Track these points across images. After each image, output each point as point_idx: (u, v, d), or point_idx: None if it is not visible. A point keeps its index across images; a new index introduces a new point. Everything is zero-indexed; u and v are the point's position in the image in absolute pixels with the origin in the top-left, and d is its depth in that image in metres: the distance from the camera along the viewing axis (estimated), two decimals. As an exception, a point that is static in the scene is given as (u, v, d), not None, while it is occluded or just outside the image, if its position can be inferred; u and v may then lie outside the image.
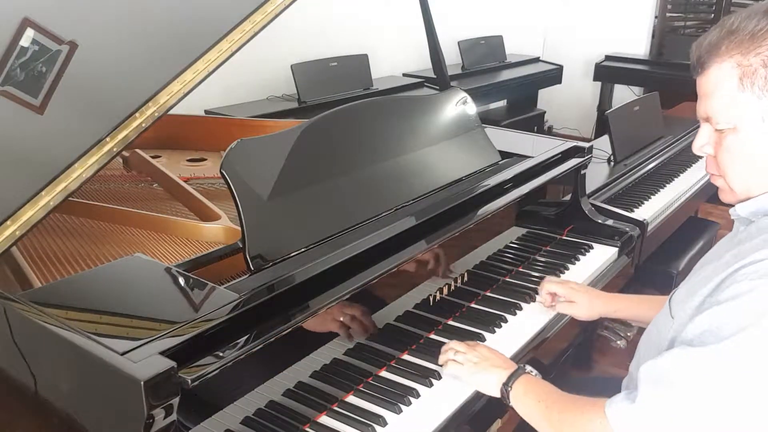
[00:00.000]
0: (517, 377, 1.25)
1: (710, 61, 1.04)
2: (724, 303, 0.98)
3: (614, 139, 2.66)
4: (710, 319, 0.99)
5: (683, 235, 2.77)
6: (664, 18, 5.45)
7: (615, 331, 2.77)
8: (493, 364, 1.29)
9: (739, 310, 0.95)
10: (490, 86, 4.41)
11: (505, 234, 1.79)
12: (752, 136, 1.02)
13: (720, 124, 1.05)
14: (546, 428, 1.17)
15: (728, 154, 1.06)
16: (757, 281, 0.95)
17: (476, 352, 1.32)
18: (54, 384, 1.06)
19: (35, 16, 1.24)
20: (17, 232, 1.20)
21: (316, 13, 3.53)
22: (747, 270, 0.98)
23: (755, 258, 0.98)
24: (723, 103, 1.03)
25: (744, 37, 1.00)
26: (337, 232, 1.36)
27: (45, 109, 1.27)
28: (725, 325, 0.96)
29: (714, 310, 0.99)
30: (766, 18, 1.00)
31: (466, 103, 1.83)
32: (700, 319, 1.00)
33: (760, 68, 0.99)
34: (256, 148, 1.32)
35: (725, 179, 1.09)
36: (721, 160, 1.07)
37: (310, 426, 1.19)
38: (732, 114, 1.03)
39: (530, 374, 1.27)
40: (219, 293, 1.13)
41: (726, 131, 1.05)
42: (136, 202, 1.78)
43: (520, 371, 1.27)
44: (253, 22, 1.49)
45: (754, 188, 1.07)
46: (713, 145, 1.08)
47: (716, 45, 1.03)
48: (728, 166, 1.07)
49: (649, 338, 1.23)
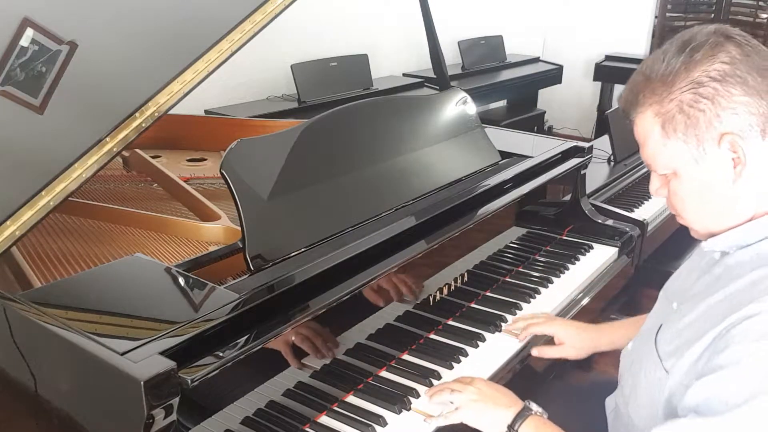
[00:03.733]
0: (524, 419, 1.16)
1: (633, 112, 1.03)
2: (726, 368, 0.93)
3: (614, 139, 2.66)
4: (714, 385, 0.94)
5: (683, 235, 2.75)
6: (664, 18, 5.45)
7: (615, 331, 2.76)
8: (496, 403, 1.19)
9: (744, 376, 0.91)
10: (490, 86, 4.41)
11: (505, 234, 1.79)
12: (692, 178, 1.01)
13: (660, 170, 1.04)
14: None
15: (676, 197, 1.05)
16: (755, 344, 0.91)
17: (474, 389, 1.22)
18: (54, 384, 1.06)
19: (35, 16, 1.24)
20: (17, 232, 1.20)
21: (316, 13, 3.52)
22: (743, 328, 0.93)
23: (748, 313, 0.93)
24: (655, 151, 1.02)
25: (657, 83, 0.99)
26: (336, 232, 1.36)
27: (45, 109, 1.27)
28: (732, 393, 0.91)
29: (717, 376, 0.93)
30: (677, 56, 0.97)
31: (466, 103, 1.83)
32: (703, 384, 0.95)
33: (677, 114, 0.97)
34: (256, 148, 1.32)
35: (683, 221, 1.08)
36: (673, 203, 1.06)
37: (310, 426, 1.19)
38: (666, 160, 1.02)
39: (537, 414, 1.18)
40: (219, 293, 1.13)
41: (668, 176, 1.04)
42: (136, 202, 1.78)
43: (527, 411, 1.17)
44: (253, 22, 1.49)
45: (711, 225, 1.04)
46: (665, 188, 1.07)
47: (636, 95, 1.02)
48: (680, 208, 1.06)
49: (637, 381, 1.15)
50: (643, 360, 1.13)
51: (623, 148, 2.69)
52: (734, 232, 1.02)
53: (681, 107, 0.97)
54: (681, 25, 5.47)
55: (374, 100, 1.64)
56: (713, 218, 1.04)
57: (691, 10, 5.51)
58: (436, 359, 1.39)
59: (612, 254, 1.94)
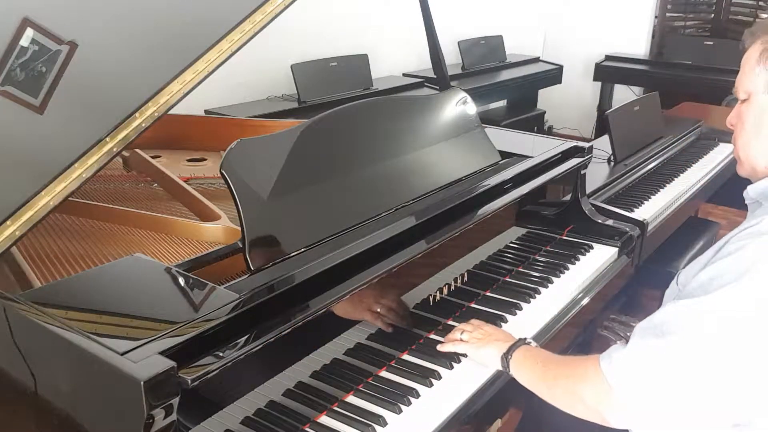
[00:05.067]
0: (517, 347, 1.31)
1: (749, 41, 1.18)
2: (717, 261, 1.06)
3: (614, 139, 2.66)
4: (704, 275, 1.06)
5: (683, 235, 2.77)
6: (664, 18, 5.45)
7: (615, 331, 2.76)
8: (496, 338, 1.36)
9: (728, 266, 1.03)
10: (490, 86, 4.41)
11: (505, 234, 1.79)
12: (758, 105, 1.15)
13: (740, 95, 1.18)
14: (542, 386, 1.23)
15: (740, 123, 1.19)
16: (747, 240, 1.04)
17: (482, 330, 1.39)
18: (54, 384, 1.06)
19: (35, 16, 1.24)
20: (17, 232, 1.20)
21: (316, 13, 3.53)
22: (742, 233, 1.07)
23: (751, 223, 1.07)
24: (745, 74, 1.16)
25: None
26: (336, 232, 1.36)
27: (45, 109, 1.27)
28: (714, 279, 1.04)
29: (708, 268, 1.07)
30: None
31: (466, 103, 1.83)
32: (697, 277, 1.08)
33: None
34: (256, 148, 1.32)
35: (735, 149, 1.21)
36: (736, 129, 1.20)
37: (310, 426, 1.19)
38: (747, 85, 1.16)
39: (530, 344, 1.34)
40: (219, 293, 1.13)
41: (744, 102, 1.18)
42: (136, 202, 1.78)
43: (520, 342, 1.33)
44: (253, 22, 1.49)
45: (757, 159, 1.17)
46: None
47: (756, 29, 1.17)
48: (738, 134, 1.20)
49: None
50: (665, 297, 1.29)
51: (623, 148, 2.70)
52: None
53: None
54: (681, 25, 5.48)
55: (374, 100, 1.64)
56: (760, 152, 1.17)
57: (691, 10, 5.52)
58: (436, 359, 1.39)
59: (612, 254, 1.94)
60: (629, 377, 1.06)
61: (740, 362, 1.01)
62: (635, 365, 1.06)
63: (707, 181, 2.85)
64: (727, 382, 1.01)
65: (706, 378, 1.01)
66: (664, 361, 1.03)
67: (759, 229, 1.05)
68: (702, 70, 4.72)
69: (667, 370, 1.03)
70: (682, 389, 1.03)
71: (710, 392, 1.02)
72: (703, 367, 1.01)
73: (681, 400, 1.03)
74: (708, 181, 2.86)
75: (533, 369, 1.25)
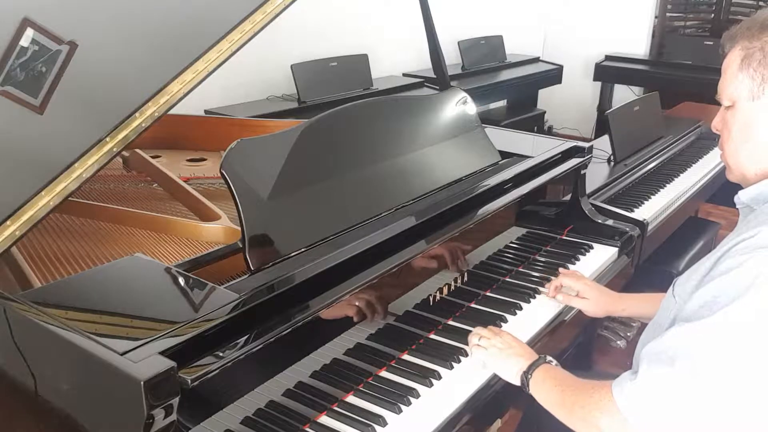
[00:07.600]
0: (537, 366, 1.29)
1: (729, 45, 1.16)
2: (717, 278, 1.04)
3: (614, 139, 2.66)
4: (705, 294, 1.04)
5: (683, 235, 2.77)
6: (664, 18, 5.45)
7: (615, 331, 2.77)
8: (516, 353, 1.34)
9: (729, 283, 1.02)
10: (490, 86, 4.41)
11: (505, 234, 1.79)
12: (743, 112, 1.13)
13: (724, 102, 1.17)
14: (561, 412, 1.21)
15: (726, 130, 1.18)
16: (746, 255, 1.02)
17: (501, 339, 1.37)
18: (54, 384, 1.06)
19: (35, 16, 1.24)
20: (17, 232, 1.20)
21: (316, 13, 3.53)
22: (739, 246, 1.05)
23: (747, 235, 1.05)
24: (728, 80, 1.15)
25: (755, 28, 1.12)
26: (337, 232, 1.36)
27: (45, 109, 1.27)
28: (717, 298, 1.02)
29: (709, 286, 1.05)
30: None
31: (466, 103, 1.83)
32: (697, 295, 1.06)
33: (757, 52, 1.10)
34: (256, 148, 1.32)
35: (723, 155, 1.20)
36: (722, 136, 1.19)
37: (310, 426, 1.19)
38: (731, 91, 1.14)
39: (550, 363, 1.31)
40: (219, 293, 1.13)
41: (728, 109, 1.16)
42: (136, 202, 1.78)
43: (541, 360, 1.31)
44: (253, 22, 1.49)
45: (745, 166, 1.16)
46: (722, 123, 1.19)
47: (735, 33, 1.15)
48: (725, 141, 1.18)
49: (653, 322, 1.27)
50: (662, 305, 1.24)
51: (623, 148, 2.70)
52: (763, 184, 1.13)
53: (763, 48, 1.10)
54: (681, 25, 5.48)
55: (374, 100, 1.64)
56: (748, 159, 1.15)
57: (691, 10, 5.52)
58: (436, 359, 1.39)
59: (612, 254, 1.94)
60: (643, 409, 1.05)
61: (751, 381, 0.99)
62: (648, 396, 1.05)
63: (707, 181, 2.85)
64: (740, 402, 1.00)
65: (719, 401, 1.00)
66: (676, 389, 1.02)
67: (757, 242, 1.03)
68: (702, 70, 4.72)
69: (680, 398, 1.01)
70: (697, 415, 1.01)
71: (725, 415, 1.01)
72: (716, 391, 1.00)
73: (697, 425, 1.02)
74: (708, 181, 2.86)
75: (552, 392, 1.23)
